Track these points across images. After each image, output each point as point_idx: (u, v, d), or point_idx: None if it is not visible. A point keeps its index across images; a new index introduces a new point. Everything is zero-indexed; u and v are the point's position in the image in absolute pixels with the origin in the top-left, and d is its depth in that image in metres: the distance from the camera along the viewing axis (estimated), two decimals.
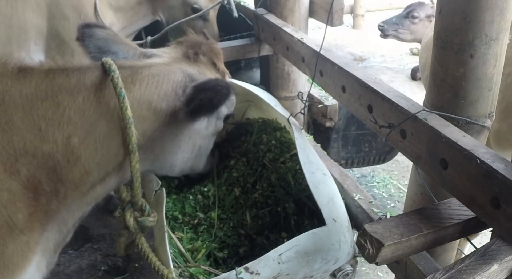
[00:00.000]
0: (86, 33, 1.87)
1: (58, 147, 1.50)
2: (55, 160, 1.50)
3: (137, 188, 1.69)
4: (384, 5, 8.56)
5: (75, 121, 1.53)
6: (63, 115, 1.52)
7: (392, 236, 1.37)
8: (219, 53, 2.01)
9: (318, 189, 1.83)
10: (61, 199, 1.54)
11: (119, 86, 1.56)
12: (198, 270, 1.95)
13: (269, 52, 3.26)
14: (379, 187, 4.33)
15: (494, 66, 1.53)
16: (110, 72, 1.58)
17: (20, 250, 1.48)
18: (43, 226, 1.54)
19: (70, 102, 1.53)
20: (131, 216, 1.76)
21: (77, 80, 1.57)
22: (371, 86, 1.84)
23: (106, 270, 3.14)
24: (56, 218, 1.58)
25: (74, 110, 1.53)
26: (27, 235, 1.49)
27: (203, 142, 1.96)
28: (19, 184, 1.45)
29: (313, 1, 3.05)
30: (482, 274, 1.21)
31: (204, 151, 2.04)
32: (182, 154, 1.89)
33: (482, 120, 1.60)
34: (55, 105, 1.51)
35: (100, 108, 1.57)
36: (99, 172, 1.60)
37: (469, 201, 1.40)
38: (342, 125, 3.29)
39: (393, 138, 1.71)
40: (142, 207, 1.76)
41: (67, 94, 1.54)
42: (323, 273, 1.77)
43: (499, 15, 1.45)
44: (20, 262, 1.50)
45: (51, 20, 3.11)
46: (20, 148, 1.46)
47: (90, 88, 1.58)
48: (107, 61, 1.63)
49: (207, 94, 1.61)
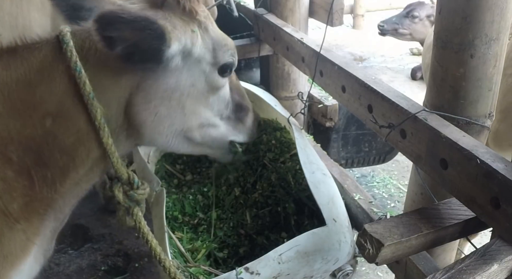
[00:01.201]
0: None
1: (37, 129, 1.48)
2: (37, 144, 1.48)
3: (116, 163, 1.60)
4: (384, 5, 8.56)
5: (45, 99, 1.49)
6: (35, 95, 1.48)
7: (392, 236, 1.37)
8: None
9: (318, 189, 1.83)
10: (51, 185, 1.52)
11: (73, 60, 1.47)
12: (198, 270, 1.95)
13: (269, 52, 3.26)
14: (379, 187, 4.33)
15: (494, 66, 1.53)
16: (63, 44, 1.49)
17: (19, 241, 1.48)
18: (41, 216, 1.53)
19: (38, 80, 1.49)
20: (120, 191, 1.67)
21: (42, 56, 1.52)
22: (371, 86, 1.84)
23: (106, 270, 3.15)
24: (51, 205, 1.56)
25: (43, 89, 1.49)
26: (24, 225, 1.48)
27: (197, 104, 1.72)
28: (13, 172, 1.44)
29: (313, 1, 3.05)
30: (482, 274, 1.21)
31: (208, 116, 1.78)
32: (168, 122, 1.68)
33: (482, 120, 1.60)
34: (26, 85, 1.48)
35: (62, 83, 1.50)
36: (79, 155, 1.55)
37: (469, 201, 1.40)
38: (342, 125, 3.29)
39: (393, 138, 1.71)
40: (130, 180, 1.67)
41: (34, 72, 1.49)
42: (323, 273, 1.78)
43: (499, 15, 1.45)
44: (19, 253, 1.49)
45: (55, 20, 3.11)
46: (6, 135, 1.44)
47: (52, 63, 1.51)
48: (61, 30, 1.54)
49: (121, 32, 1.40)
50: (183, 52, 1.61)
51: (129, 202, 1.69)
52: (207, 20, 1.71)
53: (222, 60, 1.73)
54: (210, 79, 1.72)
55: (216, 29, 1.75)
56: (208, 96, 1.76)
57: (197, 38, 1.64)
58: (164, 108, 1.63)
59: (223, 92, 1.84)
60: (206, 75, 1.71)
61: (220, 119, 1.86)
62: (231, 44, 1.78)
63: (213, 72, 1.72)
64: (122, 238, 3.40)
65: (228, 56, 1.75)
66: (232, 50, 1.77)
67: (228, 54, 1.75)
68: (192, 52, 1.63)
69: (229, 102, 1.89)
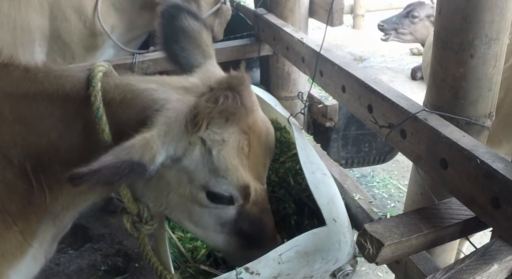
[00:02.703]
0: (169, 11, 1.70)
1: (42, 139, 1.50)
2: (39, 152, 1.50)
3: (127, 202, 1.62)
4: (384, 5, 8.56)
5: (57, 115, 1.51)
6: (45, 110, 1.51)
7: (392, 236, 1.37)
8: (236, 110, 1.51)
9: (318, 189, 1.83)
10: (49, 191, 1.54)
11: (96, 105, 1.46)
12: (198, 270, 1.95)
13: (269, 52, 3.26)
14: (379, 187, 4.33)
15: (494, 66, 1.53)
16: (90, 85, 1.49)
17: (15, 242, 1.50)
18: (39, 219, 1.55)
19: (49, 103, 1.51)
20: (128, 221, 1.69)
21: (57, 85, 1.53)
22: (371, 86, 1.84)
23: (106, 270, 3.15)
24: (50, 212, 1.58)
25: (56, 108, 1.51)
26: (21, 227, 1.50)
27: (180, 202, 1.61)
28: (13, 175, 1.47)
29: (313, 1, 3.05)
30: (482, 274, 1.22)
31: (193, 219, 1.67)
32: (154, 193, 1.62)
33: (482, 120, 1.60)
34: (37, 102, 1.51)
35: (78, 118, 1.51)
36: None
37: (469, 201, 1.40)
38: (342, 125, 3.29)
39: (393, 138, 1.71)
40: (139, 214, 1.69)
41: (47, 97, 1.51)
42: (323, 273, 1.77)
43: (499, 15, 1.45)
44: (16, 252, 1.51)
45: (53, 21, 3.10)
46: (10, 139, 1.47)
47: (70, 96, 1.52)
48: (93, 69, 1.54)
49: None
50: (171, 157, 1.50)
51: (136, 232, 1.71)
52: (216, 144, 1.49)
53: (211, 187, 1.55)
54: (194, 193, 1.58)
55: (227, 159, 1.51)
56: (194, 205, 1.62)
57: (192, 152, 1.50)
58: (154, 181, 1.55)
59: (217, 212, 1.65)
60: (192, 188, 1.57)
61: (210, 230, 1.71)
62: (235, 182, 1.54)
63: (199, 190, 1.57)
64: (122, 238, 3.40)
65: (221, 189, 1.55)
66: (232, 188, 1.55)
67: (223, 188, 1.55)
68: (181, 160, 1.51)
69: (228, 225, 1.69)
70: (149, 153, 1.37)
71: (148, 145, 1.38)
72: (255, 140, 1.61)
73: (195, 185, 1.55)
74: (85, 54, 3.29)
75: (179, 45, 1.70)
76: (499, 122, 2.37)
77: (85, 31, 3.20)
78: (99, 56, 3.38)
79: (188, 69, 1.71)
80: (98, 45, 3.31)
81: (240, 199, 1.59)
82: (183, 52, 1.71)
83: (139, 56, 2.99)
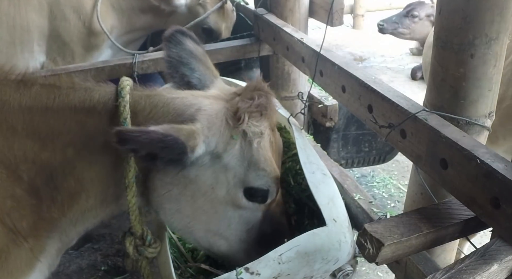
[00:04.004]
0: (176, 37, 1.79)
1: (56, 155, 1.51)
2: (52, 168, 1.52)
3: (134, 220, 1.66)
4: (384, 5, 8.56)
5: (75, 132, 1.53)
6: (63, 126, 1.52)
7: (392, 236, 1.37)
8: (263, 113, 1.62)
9: (318, 189, 1.83)
10: (59, 207, 1.55)
11: (124, 116, 1.50)
12: (198, 270, 1.95)
13: (269, 52, 3.26)
14: (379, 187, 4.33)
15: (494, 66, 1.53)
16: (119, 96, 1.53)
17: (25, 259, 1.51)
18: (47, 234, 1.56)
19: (71, 116, 1.53)
20: (131, 244, 1.72)
21: (85, 97, 1.55)
22: (371, 86, 1.84)
23: (106, 270, 3.15)
24: (58, 226, 1.59)
25: (75, 123, 1.53)
26: (32, 243, 1.51)
27: (210, 207, 1.63)
28: (22, 190, 1.47)
29: (313, 1, 3.05)
30: (482, 274, 1.21)
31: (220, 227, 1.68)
32: (175, 205, 1.64)
33: (482, 120, 1.60)
34: (56, 116, 1.52)
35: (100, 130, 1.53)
36: (94, 189, 1.59)
37: (469, 201, 1.40)
38: (342, 125, 3.29)
39: (393, 138, 1.71)
40: (143, 236, 1.72)
41: (70, 109, 1.53)
42: (323, 273, 1.77)
43: (499, 15, 1.45)
44: (25, 270, 1.52)
45: (52, 21, 3.11)
46: (21, 154, 1.48)
47: (96, 107, 1.55)
48: (122, 83, 1.58)
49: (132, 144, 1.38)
50: (212, 153, 1.57)
51: (138, 256, 1.73)
52: (256, 135, 1.58)
53: (251, 182, 1.61)
54: (232, 192, 1.62)
55: (265, 151, 1.60)
56: (226, 208, 1.65)
57: (233, 147, 1.57)
58: (176, 191, 1.61)
59: (248, 215, 1.69)
60: (229, 187, 1.61)
61: (233, 238, 1.72)
62: (273, 173, 1.63)
63: (237, 188, 1.62)
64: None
65: (260, 183, 1.62)
66: (271, 180, 1.63)
67: (262, 181, 1.62)
68: (221, 157, 1.58)
69: (254, 229, 1.72)
70: (193, 141, 1.46)
71: (193, 134, 1.47)
72: (276, 139, 1.73)
73: (235, 183, 1.61)
74: (85, 54, 3.29)
75: (189, 67, 1.80)
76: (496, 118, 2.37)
77: (84, 31, 3.21)
78: (98, 56, 3.39)
79: (200, 88, 1.79)
80: (97, 44, 3.32)
81: (274, 191, 1.68)
82: (195, 73, 1.80)
83: (139, 56, 2.99)
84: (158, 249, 1.76)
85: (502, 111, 2.46)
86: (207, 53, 1.92)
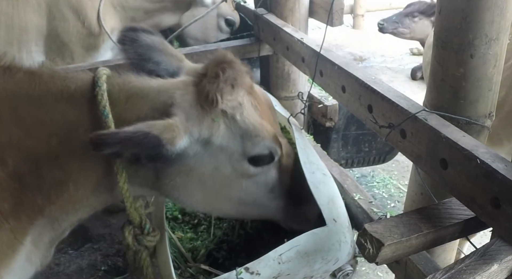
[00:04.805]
0: (128, 36, 1.76)
1: (41, 144, 1.51)
2: (37, 156, 1.51)
3: (130, 207, 1.66)
4: (384, 5, 8.55)
5: (57, 121, 1.53)
6: (46, 115, 1.52)
7: (392, 236, 1.37)
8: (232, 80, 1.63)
9: (318, 189, 1.83)
10: (45, 195, 1.54)
11: (103, 104, 1.51)
12: (198, 270, 1.95)
13: (269, 52, 3.26)
14: (379, 187, 4.33)
15: (494, 66, 1.53)
16: (96, 86, 1.53)
17: (6, 239, 1.50)
18: (30, 219, 1.55)
19: (53, 105, 1.53)
20: (130, 234, 1.73)
21: (62, 86, 1.55)
22: (371, 86, 1.84)
23: (106, 270, 3.14)
24: (45, 215, 1.58)
25: (57, 113, 1.53)
26: (13, 224, 1.50)
27: (221, 185, 1.67)
28: (5, 174, 1.47)
29: (313, 1, 3.05)
30: (482, 274, 1.21)
31: (242, 198, 1.72)
32: (184, 192, 1.67)
33: (482, 120, 1.60)
34: (39, 105, 1.52)
35: (81, 118, 1.54)
36: (82, 178, 1.58)
37: (469, 201, 1.40)
38: (342, 125, 3.29)
39: (393, 138, 1.71)
40: (141, 225, 1.72)
41: (51, 98, 1.53)
42: (323, 273, 1.78)
43: (499, 15, 1.45)
44: (6, 250, 1.51)
45: (51, 21, 3.11)
46: (7, 140, 1.48)
47: (74, 96, 1.55)
48: (98, 71, 1.58)
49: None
50: (200, 141, 1.58)
51: (138, 246, 1.72)
52: (236, 109, 1.60)
53: (251, 152, 1.63)
54: (237, 166, 1.65)
55: (250, 118, 1.62)
56: (239, 180, 1.68)
57: (218, 128, 1.59)
58: (180, 180, 1.62)
59: (263, 178, 1.73)
60: (233, 163, 1.64)
61: (261, 203, 1.77)
62: (267, 135, 1.64)
63: (241, 161, 1.64)
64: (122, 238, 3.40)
65: (259, 149, 1.64)
66: (268, 142, 1.65)
67: (260, 147, 1.64)
68: (211, 141, 1.59)
69: (275, 187, 1.77)
70: (170, 134, 1.46)
71: (170, 127, 1.46)
72: (259, 99, 1.73)
73: (236, 158, 1.63)
74: (84, 54, 3.29)
75: (151, 61, 1.77)
76: (500, 120, 2.37)
77: (84, 31, 3.21)
78: (98, 56, 3.39)
79: (170, 77, 1.77)
80: (96, 45, 3.32)
81: (277, 150, 1.69)
82: (160, 65, 1.78)
83: None
84: (157, 238, 1.76)
85: (505, 114, 2.46)
86: (208, 53, 1.92)
